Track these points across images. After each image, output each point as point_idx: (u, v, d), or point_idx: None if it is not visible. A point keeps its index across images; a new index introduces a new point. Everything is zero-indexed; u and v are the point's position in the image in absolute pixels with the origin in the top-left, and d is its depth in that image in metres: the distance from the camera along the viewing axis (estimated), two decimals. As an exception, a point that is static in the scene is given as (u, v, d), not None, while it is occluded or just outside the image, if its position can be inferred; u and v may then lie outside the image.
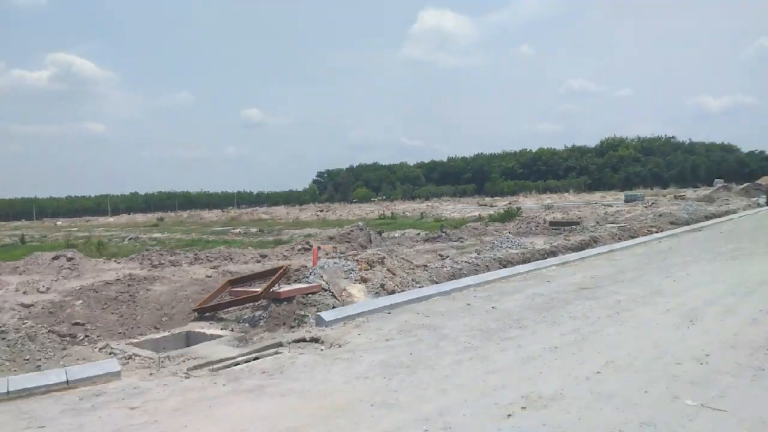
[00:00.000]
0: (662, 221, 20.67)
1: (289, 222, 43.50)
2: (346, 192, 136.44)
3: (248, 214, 57.11)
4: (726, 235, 16.41)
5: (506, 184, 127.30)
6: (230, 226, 44.10)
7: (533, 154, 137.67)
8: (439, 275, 10.34)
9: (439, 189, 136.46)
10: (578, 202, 48.79)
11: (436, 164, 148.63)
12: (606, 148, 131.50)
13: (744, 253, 12.13)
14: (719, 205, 29.09)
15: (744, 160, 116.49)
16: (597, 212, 30.04)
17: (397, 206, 66.74)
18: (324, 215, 51.47)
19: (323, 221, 43.55)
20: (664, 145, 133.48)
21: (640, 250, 13.84)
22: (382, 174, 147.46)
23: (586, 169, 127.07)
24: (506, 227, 21.89)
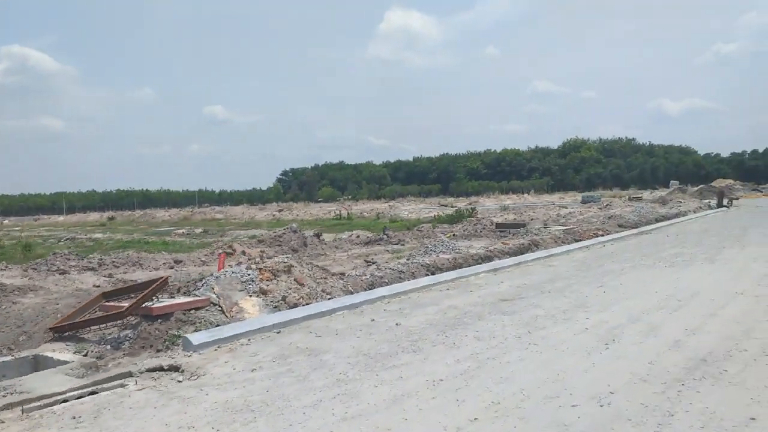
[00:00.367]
0: (611, 224, 20.14)
1: (240, 222, 42.07)
2: (311, 191, 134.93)
3: (202, 213, 55.36)
4: (671, 239, 15.87)
5: (470, 184, 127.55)
6: (179, 226, 42.48)
7: (497, 155, 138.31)
8: (355, 285, 9.37)
9: (405, 189, 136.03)
10: (537, 203, 48.55)
11: (401, 164, 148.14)
12: (568, 150, 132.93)
13: (684, 259, 11.48)
14: (671, 207, 28.89)
15: (700, 162, 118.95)
16: (549, 214, 29.56)
17: (359, 206, 65.74)
18: (280, 215, 50.15)
19: (277, 222, 42.29)
20: (625, 146, 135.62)
21: (580, 255, 13.13)
22: (348, 173, 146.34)
23: (549, 170, 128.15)
24: (453, 229, 21.10)
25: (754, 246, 13.26)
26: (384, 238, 17.95)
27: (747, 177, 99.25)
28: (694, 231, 18.12)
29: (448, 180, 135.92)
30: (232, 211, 57.39)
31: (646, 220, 21.65)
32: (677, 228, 19.68)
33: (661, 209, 28.32)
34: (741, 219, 22.56)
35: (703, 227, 19.41)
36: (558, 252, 13.57)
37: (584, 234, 17.05)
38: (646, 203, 33.23)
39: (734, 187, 55.02)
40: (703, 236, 16.19)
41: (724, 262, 11.00)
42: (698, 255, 12.08)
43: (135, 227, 43.60)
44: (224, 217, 50.02)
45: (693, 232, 17.64)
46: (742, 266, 10.42)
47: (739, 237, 15.50)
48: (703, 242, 14.60)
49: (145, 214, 61.38)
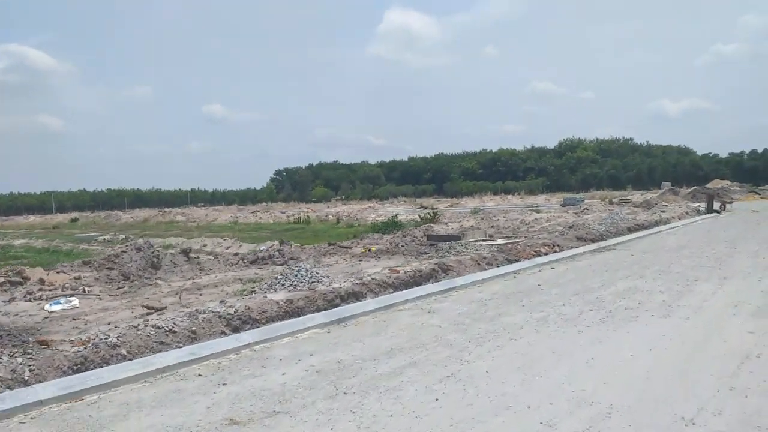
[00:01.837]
0: (570, 236, 16.06)
1: (193, 226, 38.18)
2: (305, 191, 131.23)
3: (166, 215, 51.41)
4: (631, 262, 11.79)
5: (465, 184, 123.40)
6: (132, 230, 38.65)
7: (493, 155, 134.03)
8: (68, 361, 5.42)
9: (399, 189, 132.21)
10: (517, 206, 44.45)
11: (396, 164, 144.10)
12: (564, 150, 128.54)
13: (629, 305, 7.42)
14: (654, 213, 24.74)
15: (698, 163, 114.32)
16: (512, 221, 25.48)
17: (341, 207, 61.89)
18: (246, 218, 46.24)
19: (235, 225, 38.41)
20: (622, 147, 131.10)
21: (489, 290, 9.07)
22: (342, 173, 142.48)
23: (544, 170, 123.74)
24: (378, 242, 17.06)
25: (738, 278, 9.15)
26: (276, 255, 13.96)
27: (745, 178, 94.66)
28: (668, 248, 14.01)
29: (443, 180, 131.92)
30: (195, 213, 53.49)
31: (615, 231, 17.55)
32: (649, 242, 15.57)
33: (641, 215, 24.18)
34: (731, 229, 18.41)
35: (682, 242, 15.29)
36: (462, 284, 9.52)
37: (523, 252, 12.99)
38: (629, 207, 29.06)
39: (730, 189, 50.68)
40: (676, 258, 12.08)
41: (687, 312, 6.93)
42: (654, 295, 8.00)
43: (82, 231, 39.79)
44: (185, 219, 46.14)
45: (665, 250, 13.53)
46: (713, 324, 6.36)
47: (721, 260, 11.40)
48: (671, 268, 10.50)
49: (108, 216, 57.56)
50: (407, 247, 15.06)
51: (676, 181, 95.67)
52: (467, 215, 33.65)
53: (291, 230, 31.86)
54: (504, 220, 26.74)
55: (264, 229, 33.20)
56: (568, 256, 13.00)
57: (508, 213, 32.28)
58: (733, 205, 33.18)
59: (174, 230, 34.50)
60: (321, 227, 32.35)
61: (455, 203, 54.87)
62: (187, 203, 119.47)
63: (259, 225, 36.23)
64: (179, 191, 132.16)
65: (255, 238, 26.81)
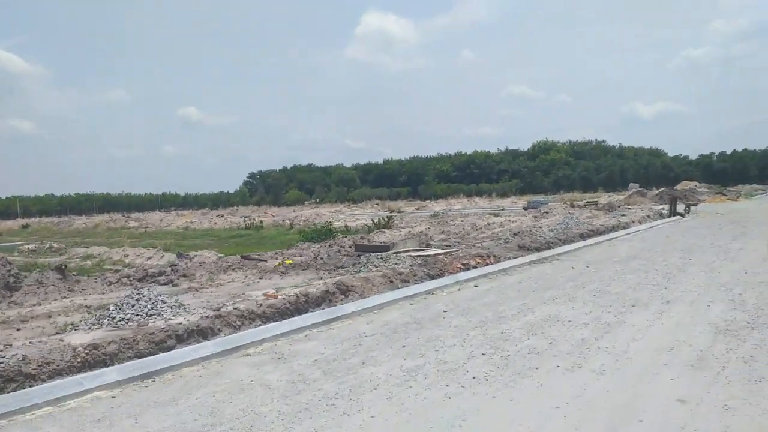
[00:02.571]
0: (512, 244, 14.31)
1: (141, 233, 35.83)
2: (278, 194, 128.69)
3: (119, 220, 48.85)
4: (571, 277, 10.03)
5: (440, 187, 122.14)
6: (84, 236, 36.20)
7: (467, 157, 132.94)
8: None
9: (374, 192, 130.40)
10: (483, 208, 42.92)
11: (371, 166, 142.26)
12: (538, 152, 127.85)
13: (541, 343, 5.60)
14: (614, 216, 23.18)
15: (669, 164, 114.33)
16: (466, 225, 23.74)
17: (308, 211, 59.94)
18: (202, 224, 43.95)
19: (183, 232, 36.17)
20: (595, 149, 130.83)
21: (378, 321, 7.18)
22: (316, 176, 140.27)
23: (518, 172, 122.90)
24: (303, 253, 15.14)
25: (684, 303, 7.39)
26: (168, 272, 11.97)
27: (714, 179, 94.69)
28: (617, 258, 12.29)
29: (418, 183, 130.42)
30: (151, 218, 50.99)
31: (565, 238, 15.84)
32: (599, 251, 13.86)
33: (600, 219, 22.61)
34: (690, 235, 16.84)
35: (634, 250, 13.61)
36: (353, 310, 7.62)
37: (449, 265, 11.16)
38: (588, 210, 27.50)
39: (698, 190, 49.71)
40: (621, 272, 10.35)
41: (605, 361, 5.11)
42: (575, 330, 6.19)
43: (26, 239, 37.19)
44: (138, 225, 43.68)
45: (613, 261, 11.81)
46: (634, 384, 4.53)
47: (671, 275, 9.68)
48: (611, 288, 8.74)
49: (61, 222, 54.74)
50: (328, 260, 13.16)
51: (647, 182, 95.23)
52: (426, 219, 31.95)
53: (238, 236, 29.84)
54: (459, 224, 25.01)
55: (211, 236, 31.09)
56: (501, 269, 11.20)
57: (468, 217, 30.60)
58: (698, 207, 31.86)
59: (117, 237, 32.20)
60: (271, 233, 30.34)
61: (422, 206, 53.21)
62: (158, 207, 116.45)
63: (208, 231, 34.07)
64: (150, 195, 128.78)
65: (192, 246, 24.73)
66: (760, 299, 7.36)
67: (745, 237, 15.41)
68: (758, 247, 12.89)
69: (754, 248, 12.81)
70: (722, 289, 8.15)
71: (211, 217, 51.77)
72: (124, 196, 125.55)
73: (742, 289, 8.10)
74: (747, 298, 7.49)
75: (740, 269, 9.91)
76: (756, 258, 11.29)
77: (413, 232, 21.92)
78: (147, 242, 25.21)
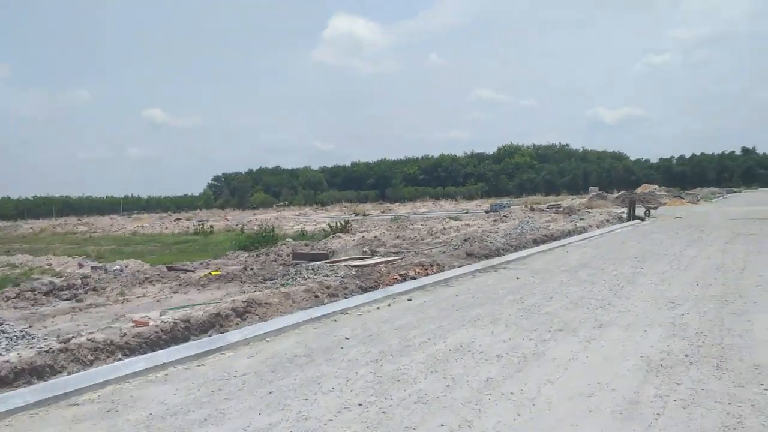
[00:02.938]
0: (460, 251, 13.41)
1: (84, 239, 33.95)
2: (244, 197, 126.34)
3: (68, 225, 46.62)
4: (511, 290, 9.13)
5: (407, 190, 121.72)
6: (14, 243, 34.13)
7: (434, 161, 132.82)
8: None
9: (342, 194, 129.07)
10: (448, 211, 42.15)
11: (339, 169, 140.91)
12: (503, 156, 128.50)
13: (435, 387, 4.59)
14: (572, 221, 22.56)
15: (631, 168, 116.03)
16: (423, 229, 22.83)
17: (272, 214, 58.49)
18: (153, 228, 42.16)
19: (130, 237, 34.46)
20: (559, 152, 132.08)
21: (264, 353, 6.04)
22: (283, 178, 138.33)
23: (484, 175, 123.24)
24: (237, 261, 13.96)
25: (619, 328, 6.44)
26: (75, 285, 10.69)
27: (674, 182, 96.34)
28: (566, 267, 11.47)
29: (385, 185, 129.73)
30: (100, 222, 48.88)
31: (518, 243, 15.02)
32: (551, 258, 13.04)
33: (558, 223, 21.96)
34: (646, 241, 16.21)
35: (586, 258, 12.83)
36: (241, 339, 6.47)
37: (387, 276, 10.17)
38: (548, 214, 26.89)
39: (657, 193, 49.90)
40: (565, 283, 9.50)
41: (504, 413, 4.13)
42: (485, 365, 5.20)
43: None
44: (86, 230, 41.65)
45: (561, 271, 10.97)
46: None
47: (617, 288, 8.85)
48: (547, 305, 7.84)
49: (8, 227, 52.12)
50: (259, 271, 12.04)
51: (609, 185, 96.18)
52: (385, 223, 30.96)
53: (183, 242, 28.38)
54: (417, 229, 24.09)
55: (156, 241, 29.53)
56: (441, 280, 10.25)
57: (428, 221, 29.72)
58: (658, 210, 31.64)
59: (58, 243, 30.39)
60: (219, 239, 28.94)
61: (388, 209, 52.25)
62: (119, 211, 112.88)
63: (155, 237, 32.48)
64: (112, 198, 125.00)
65: (132, 253, 23.26)
66: (704, 321, 6.54)
67: (701, 242, 14.82)
68: (713, 254, 12.24)
69: (708, 255, 12.14)
70: (667, 307, 7.32)
71: (164, 221, 49.95)
72: (84, 199, 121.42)
73: (688, 307, 7.28)
74: (690, 319, 6.66)
75: (692, 280, 9.15)
76: (710, 266, 10.58)
77: (367, 238, 20.89)
78: (82, 250, 23.61)
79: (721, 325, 6.39)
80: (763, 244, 13.81)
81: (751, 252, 12.37)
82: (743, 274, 9.52)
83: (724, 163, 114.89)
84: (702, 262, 11.11)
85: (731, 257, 11.64)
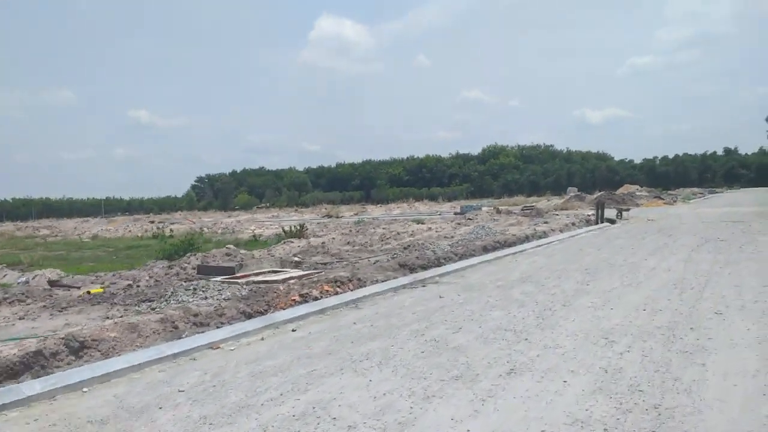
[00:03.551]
0: (394, 262, 11.74)
1: (39, 243, 31.95)
2: (227, 198, 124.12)
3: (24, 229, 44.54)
4: (426, 314, 7.47)
5: (392, 191, 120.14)
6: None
7: (419, 161, 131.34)
8: None
9: (326, 196, 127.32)
10: (422, 213, 40.52)
11: (324, 170, 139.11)
12: (488, 156, 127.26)
13: None
14: (536, 224, 20.95)
15: (615, 168, 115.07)
16: (381, 233, 21.17)
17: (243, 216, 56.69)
18: (117, 231, 40.20)
19: (83, 242, 32.53)
20: (543, 153, 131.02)
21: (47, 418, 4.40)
22: (267, 179, 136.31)
23: (469, 176, 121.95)
24: (138, 275, 12.20)
25: (529, 378, 4.79)
26: None
27: (658, 183, 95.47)
28: (505, 282, 9.83)
29: (370, 186, 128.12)
30: (65, 225, 46.85)
31: (464, 251, 13.39)
32: (494, 270, 11.40)
33: (523, 226, 20.38)
34: (606, 248, 14.64)
35: (532, 269, 11.20)
36: (27, 395, 4.79)
37: (286, 297, 8.47)
38: (513, 216, 25.31)
39: (637, 194, 48.57)
40: (491, 306, 7.86)
41: None
42: (343, 427, 3.58)
43: None
44: (48, 233, 39.64)
45: (496, 287, 9.32)
46: None
47: (548, 314, 7.20)
48: (461, 334, 6.19)
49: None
50: (147, 288, 10.30)
51: (593, 185, 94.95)
52: (348, 227, 29.29)
53: (136, 247, 26.55)
54: (372, 233, 22.42)
55: (110, 246, 27.67)
56: (352, 300, 8.57)
57: (392, 224, 28.04)
58: (631, 212, 30.20)
59: (7, 248, 28.49)
60: (174, 243, 27.13)
61: (361, 211, 50.57)
62: (101, 213, 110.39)
63: (111, 241, 30.64)
64: (93, 200, 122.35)
65: (79, 258, 21.48)
66: (645, 366, 4.90)
67: (665, 250, 13.24)
68: (674, 266, 10.64)
69: (669, 267, 10.54)
70: (601, 344, 5.67)
71: (139, 223, 48.06)
72: (65, 201, 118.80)
73: (627, 343, 5.65)
74: (627, 362, 5.02)
75: (640, 303, 7.52)
76: (667, 282, 8.97)
77: (313, 244, 19.20)
78: (13, 257, 21.74)
79: (665, 371, 4.75)
80: (732, 252, 12.24)
81: (717, 262, 10.79)
82: (703, 294, 7.91)
83: (707, 163, 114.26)
84: (660, 277, 9.50)
85: (694, 270, 10.05)
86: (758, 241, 14.11)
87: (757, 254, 11.74)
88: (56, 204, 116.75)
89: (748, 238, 14.75)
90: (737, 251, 12.31)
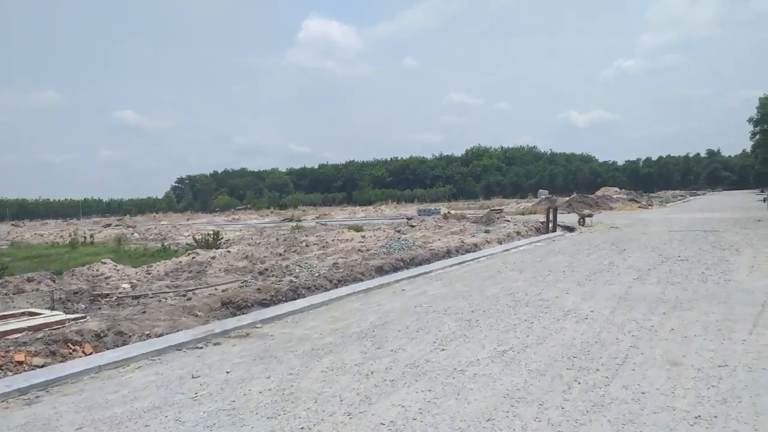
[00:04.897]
0: (217, 300, 8.21)
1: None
2: (207, 200, 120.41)
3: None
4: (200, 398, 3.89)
5: (374, 192, 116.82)
6: None
7: (402, 163, 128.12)
8: None
9: (308, 197, 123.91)
10: (386, 217, 37.05)
11: (306, 171, 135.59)
12: (471, 158, 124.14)
13: None
14: (474, 234, 17.45)
15: (597, 170, 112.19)
16: (303, 243, 17.62)
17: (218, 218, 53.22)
18: (45, 237, 36.52)
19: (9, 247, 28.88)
20: (527, 155, 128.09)
21: None
22: (249, 180, 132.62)
23: (452, 178, 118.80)
24: None
25: None
26: None
27: (641, 185, 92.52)
28: (353, 331, 6.30)
29: (353, 188, 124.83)
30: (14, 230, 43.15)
31: (343, 275, 9.86)
32: (344, 312, 7.87)
33: (450, 237, 16.88)
34: (530, 271, 11.15)
35: (404, 308, 7.68)
36: None
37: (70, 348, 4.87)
38: (458, 223, 21.80)
39: (613, 197, 45.20)
40: (302, 374, 4.29)
41: None
42: None
43: None
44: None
45: (304, 352, 5.79)
46: None
47: (365, 398, 3.66)
48: None
49: None
50: None
51: (576, 187, 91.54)
52: (285, 234, 25.72)
53: (35, 257, 22.93)
54: (308, 241, 18.86)
55: (11, 255, 24.03)
56: (40, 383, 5.02)
57: (329, 232, 24.48)
58: (599, 217, 26.76)
59: None
60: (81, 252, 23.53)
61: (323, 214, 47.03)
62: (78, 215, 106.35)
63: (22, 249, 27.07)
64: (71, 201, 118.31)
65: None
66: None
67: (605, 275, 9.76)
68: (598, 308, 7.14)
69: (589, 311, 7.04)
70: None
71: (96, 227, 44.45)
72: (41, 202, 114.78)
73: None
74: None
75: (520, 384, 3.99)
76: (567, 348, 5.48)
77: (198, 260, 15.64)
78: None
79: None
80: (690, 281, 8.78)
81: (662, 302, 7.31)
82: (608, 388, 4.40)
83: (689, 164, 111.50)
84: (563, 336, 5.99)
85: (622, 319, 6.55)
86: (728, 261, 10.65)
87: (723, 285, 8.28)
88: (32, 205, 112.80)
89: (716, 257, 11.31)
90: (697, 280, 8.83)
